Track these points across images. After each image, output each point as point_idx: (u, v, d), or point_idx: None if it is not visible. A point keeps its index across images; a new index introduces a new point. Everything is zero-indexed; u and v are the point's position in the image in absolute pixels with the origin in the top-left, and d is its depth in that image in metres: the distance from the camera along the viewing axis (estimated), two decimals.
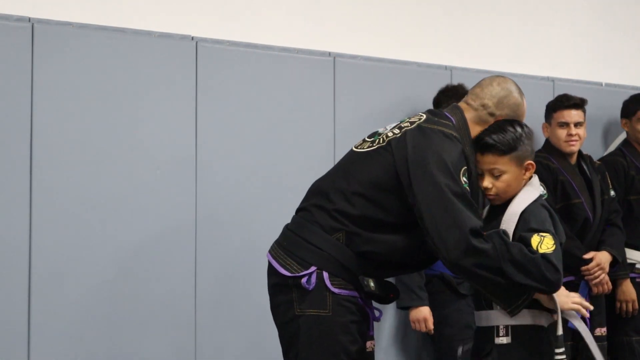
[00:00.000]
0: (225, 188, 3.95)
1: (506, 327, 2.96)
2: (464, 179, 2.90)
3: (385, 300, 3.06)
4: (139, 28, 3.84)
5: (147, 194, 3.79)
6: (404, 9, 4.70)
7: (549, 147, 4.56)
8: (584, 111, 4.54)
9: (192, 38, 3.95)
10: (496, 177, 2.98)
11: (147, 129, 3.80)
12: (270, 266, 3.03)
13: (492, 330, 2.98)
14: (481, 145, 3.00)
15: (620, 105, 5.02)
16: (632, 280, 4.62)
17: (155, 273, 3.79)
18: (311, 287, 2.89)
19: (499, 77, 3.16)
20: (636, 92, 5.17)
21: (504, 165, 2.97)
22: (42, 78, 3.58)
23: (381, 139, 3.02)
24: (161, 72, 3.85)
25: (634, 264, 4.65)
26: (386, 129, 3.06)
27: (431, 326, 4.16)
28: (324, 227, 2.94)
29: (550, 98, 4.73)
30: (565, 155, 4.51)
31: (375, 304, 3.08)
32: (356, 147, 3.09)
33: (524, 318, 2.96)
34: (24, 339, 3.52)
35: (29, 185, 3.55)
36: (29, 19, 3.59)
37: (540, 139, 4.71)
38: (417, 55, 4.61)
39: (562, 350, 2.94)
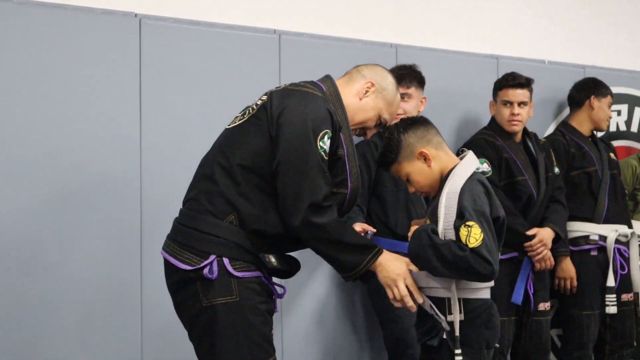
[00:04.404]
0: (171, 166, 3.92)
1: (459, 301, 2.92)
2: (320, 144, 2.87)
3: (288, 274, 3.03)
4: (81, 4, 3.78)
5: (90, 173, 3.74)
6: None
7: (494, 124, 4.59)
8: (530, 90, 4.56)
9: (136, 15, 3.89)
10: (409, 181, 3.10)
11: (90, 107, 3.75)
12: (167, 264, 2.95)
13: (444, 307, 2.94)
14: (381, 167, 3.17)
15: (563, 83, 5.09)
16: (587, 252, 4.70)
17: (99, 261, 3.76)
18: (214, 275, 2.83)
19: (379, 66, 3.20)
20: (578, 70, 5.23)
21: (402, 169, 3.07)
22: None
23: (250, 109, 3.00)
24: (104, 50, 3.79)
25: (587, 236, 4.72)
26: (255, 101, 3.05)
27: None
28: (215, 214, 2.88)
29: (495, 76, 4.76)
30: (510, 133, 4.55)
31: (278, 280, 3.03)
32: (228, 126, 3.05)
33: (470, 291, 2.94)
34: None
35: None
36: None
37: (484, 117, 4.75)
38: (363, 32, 4.61)
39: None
